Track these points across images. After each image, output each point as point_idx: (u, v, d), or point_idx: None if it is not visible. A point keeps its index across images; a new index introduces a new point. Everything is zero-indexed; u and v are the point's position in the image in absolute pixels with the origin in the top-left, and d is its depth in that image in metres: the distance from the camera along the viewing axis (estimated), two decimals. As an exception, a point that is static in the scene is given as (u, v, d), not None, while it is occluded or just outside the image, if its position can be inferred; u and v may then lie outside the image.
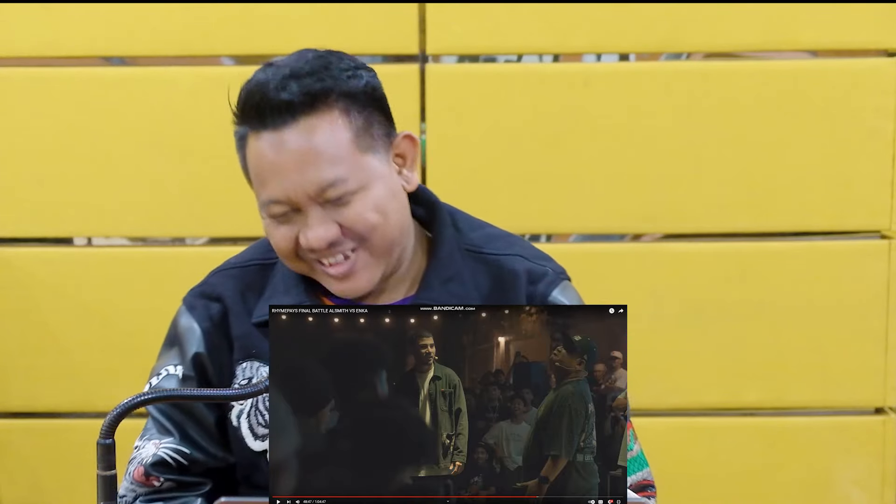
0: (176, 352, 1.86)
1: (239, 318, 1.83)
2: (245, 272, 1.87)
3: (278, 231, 1.77)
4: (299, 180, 1.72)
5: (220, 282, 1.87)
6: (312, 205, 1.73)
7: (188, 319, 1.85)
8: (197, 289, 1.89)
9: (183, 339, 1.85)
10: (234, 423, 1.83)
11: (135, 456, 1.84)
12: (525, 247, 1.94)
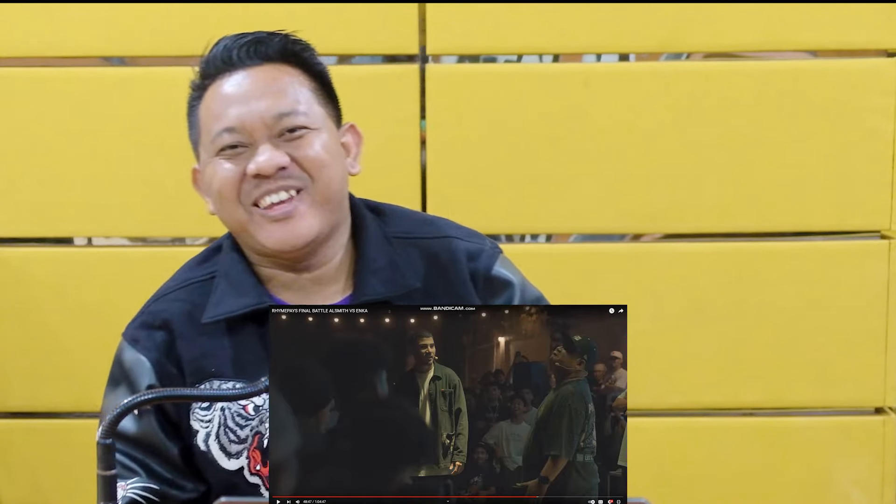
0: (125, 389, 1.82)
1: (188, 342, 1.80)
2: (187, 292, 1.84)
3: (223, 168, 1.77)
4: (258, 107, 1.75)
5: (161, 308, 1.84)
6: (265, 138, 1.75)
7: (133, 353, 1.82)
8: (136, 321, 1.85)
9: (132, 373, 1.82)
10: (203, 447, 1.80)
11: None
12: (454, 227, 1.95)
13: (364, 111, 2.96)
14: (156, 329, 1.82)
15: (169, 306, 1.83)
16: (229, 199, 1.78)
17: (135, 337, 1.84)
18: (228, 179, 1.77)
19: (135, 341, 1.83)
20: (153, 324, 1.83)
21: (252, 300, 1.79)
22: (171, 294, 1.86)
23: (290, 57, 1.80)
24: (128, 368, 1.83)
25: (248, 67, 1.78)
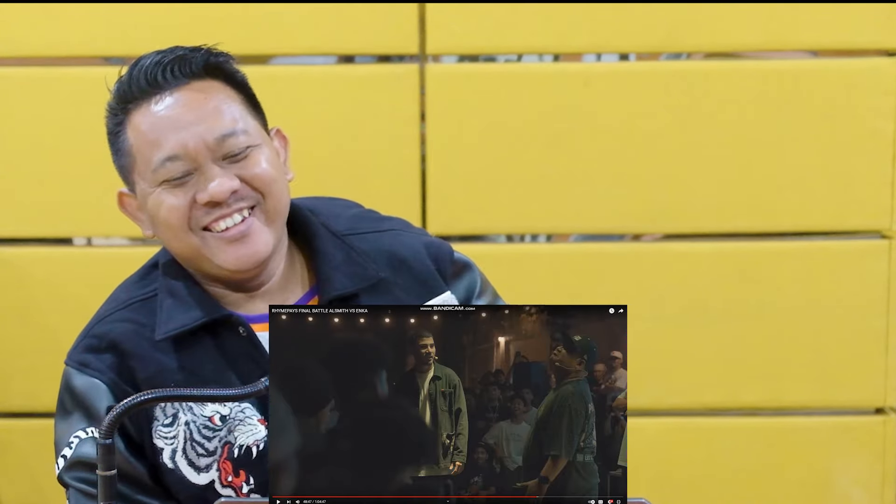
0: (80, 416, 1.76)
1: (141, 360, 1.76)
2: (130, 312, 1.80)
3: (171, 197, 1.73)
4: (199, 130, 1.71)
5: (106, 330, 1.79)
6: (210, 161, 1.72)
7: (84, 378, 1.77)
8: (78, 347, 1.81)
9: (87, 398, 1.76)
10: (170, 465, 1.75)
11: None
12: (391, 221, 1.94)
13: (364, 111, 2.98)
14: (103, 351, 1.78)
15: (114, 327, 1.78)
16: (179, 229, 1.74)
17: (83, 361, 1.79)
18: (177, 210, 1.73)
19: (83, 366, 1.78)
20: (99, 346, 1.78)
21: (203, 313, 1.75)
22: (113, 315, 1.80)
23: (213, 71, 1.76)
24: (81, 394, 1.77)
25: (174, 89, 1.73)
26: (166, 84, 1.72)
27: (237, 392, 1.46)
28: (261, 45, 2.98)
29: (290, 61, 3.00)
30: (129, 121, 1.75)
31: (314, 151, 2.97)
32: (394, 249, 1.86)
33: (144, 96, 1.73)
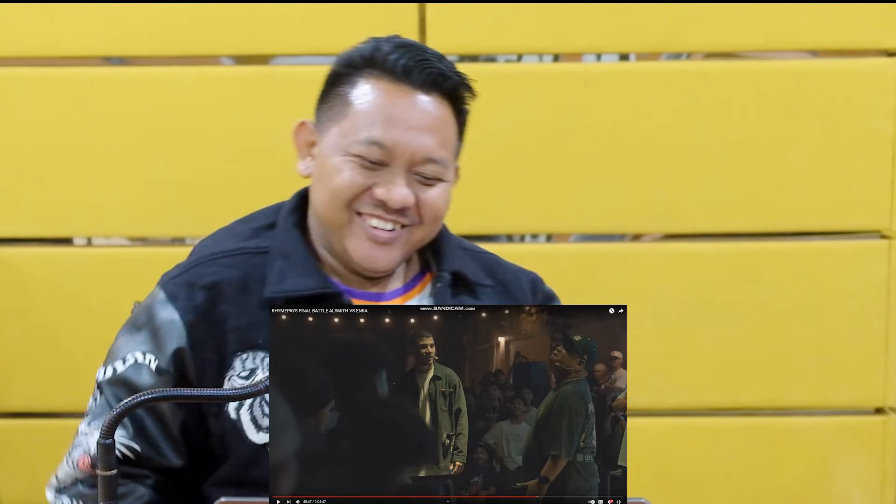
0: (147, 338, 1.77)
1: (237, 309, 1.77)
2: (239, 261, 1.81)
3: (352, 172, 1.75)
4: (416, 140, 1.75)
5: (211, 270, 1.80)
6: (404, 168, 1.76)
7: (169, 310, 1.77)
8: (177, 277, 1.81)
9: (160, 328, 1.77)
10: (233, 416, 1.75)
11: (79, 442, 1.80)
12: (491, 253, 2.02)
13: (364, 111, 2.97)
14: (199, 289, 1.78)
15: (219, 270, 1.80)
16: (341, 200, 1.77)
17: (174, 293, 1.79)
18: (352, 187, 1.76)
19: (174, 298, 1.78)
20: (197, 283, 1.79)
21: (317, 283, 1.78)
22: (221, 259, 1.82)
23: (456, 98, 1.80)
24: (158, 322, 1.77)
25: (421, 92, 1.76)
26: (415, 82, 1.76)
27: (237, 392, 1.46)
28: (261, 45, 2.98)
29: (290, 61, 3.00)
30: (363, 81, 1.77)
31: (314, 151, 2.97)
32: (495, 271, 1.93)
33: (391, 76, 1.76)
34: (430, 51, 1.79)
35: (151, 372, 1.75)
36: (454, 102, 1.80)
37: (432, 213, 1.79)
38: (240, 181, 3.00)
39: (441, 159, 1.77)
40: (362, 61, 1.77)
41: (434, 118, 1.76)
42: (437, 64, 1.77)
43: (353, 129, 1.75)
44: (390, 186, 1.75)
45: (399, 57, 1.75)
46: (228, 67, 3.01)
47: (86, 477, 1.77)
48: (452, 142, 1.80)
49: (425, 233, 1.81)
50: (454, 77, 1.78)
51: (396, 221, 1.77)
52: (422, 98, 1.76)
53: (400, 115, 1.75)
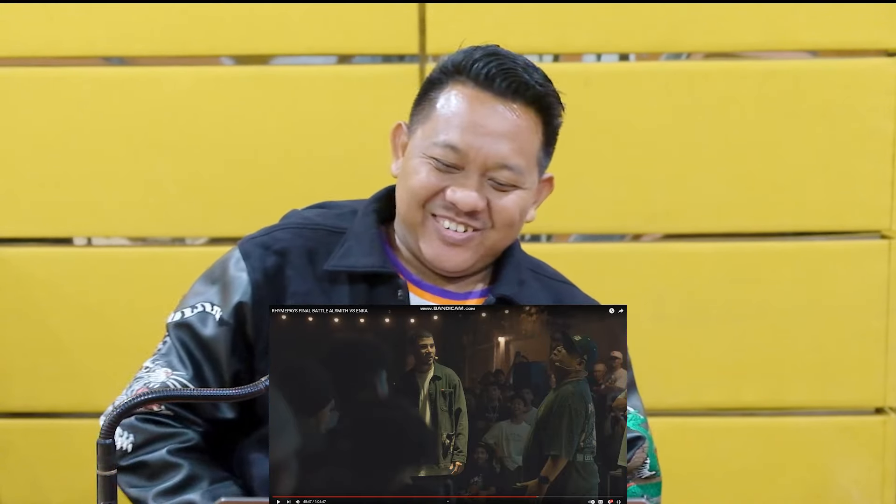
0: (217, 291, 1.85)
1: (301, 276, 1.84)
2: (315, 234, 1.88)
3: (428, 174, 1.80)
4: (490, 146, 1.79)
5: (286, 237, 1.87)
6: (478, 173, 1.79)
7: (240, 267, 1.85)
8: (257, 238, 1.88)
9: (230, 283, 1.85)
10: None
11: (141, 376, 1.83)
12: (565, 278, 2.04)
13: (364, 111, 2.98)
14: (272, 253, 1.85)
15: (292, 238, 1.87)
16: (416, 200, 1.82)
17: (248, 252, 1.86)
18: (426, 188, 1.81)
19: (247, 256, 1.85)
20: (270, 247, 1.86)
21: (376, 262, 1.83)
22: (303, 230, 1.89)
23: (541, 107, 1.84)
24: (229, 277, 1.85)
25: (498, 98, 1.80)
26: (497, 90, 1.80)
27: (237, 392, 1.46)
28: (261, 45, 2.98)
29: (290, 61, 3.00)
30: (450, 87, 1.83)
31: (314, 151, 2.97)
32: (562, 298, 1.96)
33: (475, 83, 1.80)
34: (520, 60, 1.83)
35: (215, 321, 1.83)
36: (540, 113, 1.83)
37: (504, 218, 1.82)
38: (240, 181, 3.00)
39: (515, 166, 1.80)
40: (453, 68, 1.83)
41: (513, 125, 1.80)
42: (522, 74, 1.80)
43: (434, 132, 1.81)
44: (460, 189, 1.79)
45: (485, 65, 1.80)
46: (228, 67, 3.01)
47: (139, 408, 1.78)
48: (532, 151, 1.83)
49: (499, 238, 1.84)
50: (537, 88, 1.81)
51: (468, 224, 1.81)
52: (502, 106, 1.80)
53: (478, 120, 1.79)
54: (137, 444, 1.78)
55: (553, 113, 1.86)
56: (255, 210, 3.00)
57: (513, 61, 1.82)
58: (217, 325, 1.83)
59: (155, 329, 2.06)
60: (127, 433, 1.80)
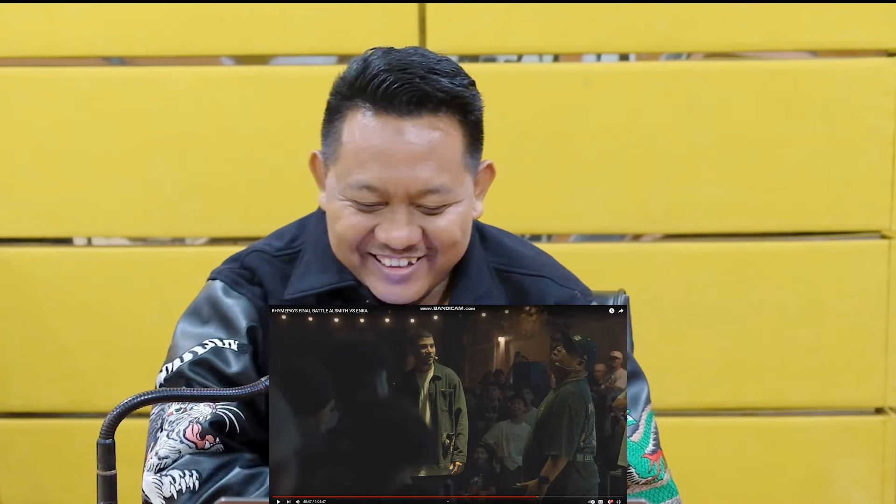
0: (217, 327, 1.77)
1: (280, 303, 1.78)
2: (278, 262, 1.81)
3: (353, 218, 1.71)
4: (408, 175, 1.68)
5: (256, 266, 1.80)
6: (404, 204, 1.70)
7: (233, 295, 1.78)
8: (235, 268, 1.81)
9: (231, 313, 1.77)
10: None
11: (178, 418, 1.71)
12: (553, 267, 1.93)
13: (364, 111, 2.97)
14: (253, 284, 1.79)
15: (262, 267, 1.80)
16: (347, 247, 1.74)
17: (237, 281, 1.79)
18: (354, 231, 1.72)
19: (237, 285, 1.79)
20: (251, 279, 1.80)
21: (333, 279, 1.77)
22: (264, 256, 1.82)
23: (453, 110, 1.71)
24: (227, 308, 1.78)
25: (403, 117, 1.67)
26: (399, 109, 1.67)
27: (237, 392, 1.46)
28: (261, 45, 2.98)
29: (290, 61, 3.00)
30: (351, 114, 1.71)
31: (314, 151, 2.97)
32: (530, 296, 1.86)
33: (374, 104, 1.68)
34: (417, 63, 1.69)
35: (234, 353, 1.75)
36: (453, 115, 1.71)
37: (444, 241, 1.72)
38: (240, 181, 3.00)
39: (440, 187, 1.69)
40: (349, 90, 1.71)
41: (425, 144, 1.68)
42: (421, 83, 1.67)
43: (346, 172, 1.70)
44: (390, 227, 1.69)
45: (380, 83, 1.67)
46: (228, 67, 3.01)
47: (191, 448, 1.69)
48: (455, 159, 1.72)
49: (446, 259, 1.75)
50: (439, 94, 1.68)
51: (408, 258, 1.72)
52: (409, 126, 1.67)
53: (387, 150, 1.67)
54: (205, 477, 1.68)
55: (469, 108, 1.73)
56: (255, 210, 3.00)
57: (410, 69, 1.67)
58: (238, 357, 1.75)
59: (155, 329, 2.06)
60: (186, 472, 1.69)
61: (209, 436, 1.69)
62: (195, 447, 1.69)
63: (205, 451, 1.69)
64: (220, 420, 1.70)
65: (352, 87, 1.71)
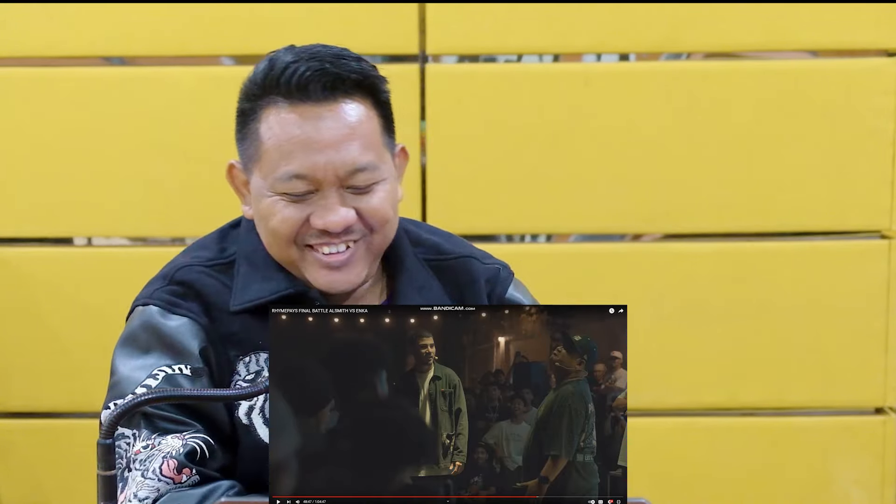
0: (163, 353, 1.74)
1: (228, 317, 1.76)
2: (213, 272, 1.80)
3: (286, 210, 1.72)
4: (334, 158, 1.70)
5: (193, 280, 1.78)
6: (334, 187, 1.71)
7: (175, 319, 1.76)
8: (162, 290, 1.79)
9: (175, 337, 1.74)
10: (245, 420, 1.74)
11: (150, 455, 1.69)
12: (468, 246, 1.96)
13: (364, 111, 2.97)
14: (190, 299, 1.77)
15: (199, 278, 1.78)
16: (284, 240, 1.74)
17: (171, 302, 1.77)
18: (290, 224, 1.73)
19: (175, 306, 1.76)
20: (186, 294, 1.78)
21: (280, 286, 1.77)
22: (196, 268, 1.80)
23: (364, 89, 1.73)
24: (169, 333, 1.75)
25: (320, 103, 1.70)
26: (314, 96, 1.70)
27: (237, 392, 1.46)
28: (261, 45, 2.96)
29: (290, 61, 3.00)
30: (266, 113, 1.73)
31: (314, 151, 2.97)
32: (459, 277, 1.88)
33: (288, 97, 1.70)
34: (322, 52, 1.71)
35: (188, 377, 1.72)
36: (367, 97, 1.73)
37: (379, 219, 1.74)
38: (240, 181, 3.00)
39: (368, 164, 1.71)
40: (260, 89, 1.73)
41: (346, 126, 1.70)
42: (332, 69, 1.69)
43: (272, 167, 1.71)
44: (325, 213, 1.71)
45: (291, 74, 1.69)
46: (228, 67, 3.01)
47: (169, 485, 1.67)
48: (376, 138, 1.73)
49: (381, 238, 1.77)
50: (352, 76, 1.70)
51: (346, 241, 1.73)
52: (326, 111, 1.70)
53: (310, 136, 1.69)
54: None
55: (378, 89, 1.74)
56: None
57: (317, 57, 1.70)
58: (193, 382, 1.71)
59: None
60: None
61: (185, 469, 1.67)
62: (173, 482, 1.67)
63: (182, 484, 1.67)
64: (192, 450, 1.68)
65: (262, 85, 1.73)
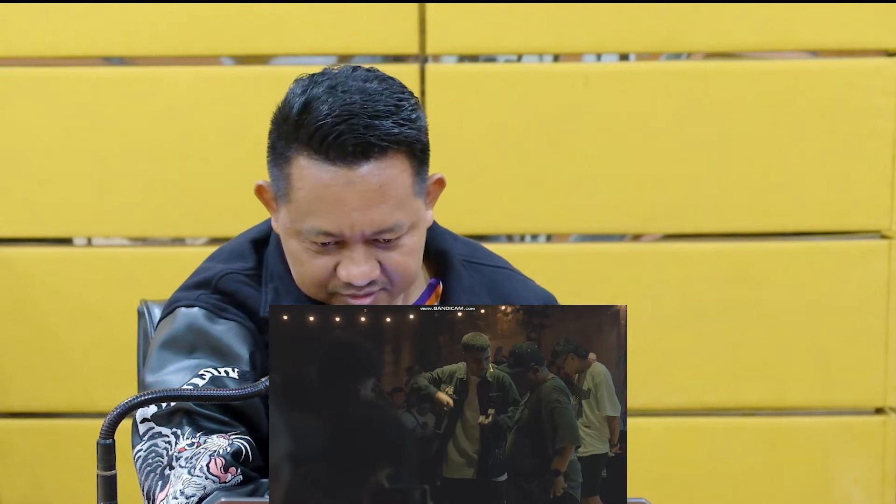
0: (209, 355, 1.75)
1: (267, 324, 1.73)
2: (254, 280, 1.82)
3: (315, 260, 1.73)
4: (360, 219, 1.70)
5: (238, 289, 1.80)
6: (360, 243, 1.72)
7: (223, 323, 1.77)
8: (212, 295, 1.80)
9: (223, 340, 1.76)
10: None
11: (196, 453, 1.69)
12: (499, 259, 1.98)
13: (364, 111, 2.97)
14: (236, 306, 1.79)
15: (242, 288, 1.80)
16: (314, 286, 1.75)
17: (220, 307, 1.78)
18: (318, 273, 1.73)
19: (220, 310, 1.78)
20: (232, 302, 1.79)
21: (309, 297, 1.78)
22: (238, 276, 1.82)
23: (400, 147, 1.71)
24: (217, 336, 1.76)
25: (350, 165, 1.68)
26: (347, 158, 1.68)
27: (237, 392, 1.46)
28: (261, 45, 2.98)
29: (290, 61, 3.00)
30: (297, 159, 1.71)
31: (314, 151, 2.97)
32: (501, 286, 1.91)
33: (320, 156, 1.69)
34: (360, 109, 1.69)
35: (235, 380, 1.73)
36: (400, 152, 1.71)
37: (399, 275, 1.74)
38: (240, 181, 2.99)
39: (396, 224, 1.71)
40: (293, 134, 1.71)
41: (376, 187, 1.69)
42: (366, 134, 1.67)
43: (300, 217, 1.72)
44: (349, 266, 1.71)
45: (326, 134, 1.67)
46: (228, 67, 3.01)
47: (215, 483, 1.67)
48: (406, 193, 1.72)
49: (402, 288, 1.78)
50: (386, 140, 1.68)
51: (368, 291, 1.74)
52: (358, 173, 1.68)
53: (339, 198, 1.69)
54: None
55: (415, 141, 1.72)
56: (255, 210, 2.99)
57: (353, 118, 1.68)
58: (240, 385, 1.72)
59: (155, 329, 2.05)
60: None
61: (231, 468, 1.67)
62: (219, 481, 1.67)
63: (227, 483, 1.67)
64: (238, 450, 1.69)
65: (295, 131, 1.71)
